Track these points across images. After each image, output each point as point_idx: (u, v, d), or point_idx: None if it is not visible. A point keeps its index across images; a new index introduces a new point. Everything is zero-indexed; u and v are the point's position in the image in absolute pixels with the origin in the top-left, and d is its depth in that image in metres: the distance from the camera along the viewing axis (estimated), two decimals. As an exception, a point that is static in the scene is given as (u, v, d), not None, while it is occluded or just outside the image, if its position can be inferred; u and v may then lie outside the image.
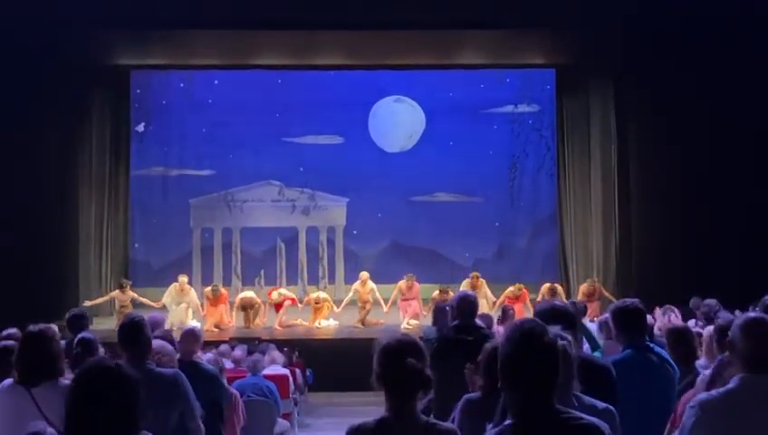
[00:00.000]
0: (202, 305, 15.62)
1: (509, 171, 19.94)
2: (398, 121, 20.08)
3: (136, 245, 19.00)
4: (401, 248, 18.58)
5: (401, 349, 3.36)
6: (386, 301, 15.83)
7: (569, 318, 4.26)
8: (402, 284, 15.74)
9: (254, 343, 11.51)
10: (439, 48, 16.86)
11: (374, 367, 3.40)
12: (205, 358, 9.09)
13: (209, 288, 15.71)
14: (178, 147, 19.73)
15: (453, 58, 17.70)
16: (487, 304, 15.19)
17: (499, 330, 9.58)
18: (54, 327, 4.86)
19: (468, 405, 4.57)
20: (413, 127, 20.05)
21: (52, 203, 15.48)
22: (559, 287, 15.06)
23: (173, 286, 15.47)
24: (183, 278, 15.63)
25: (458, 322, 6.13)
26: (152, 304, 15.19)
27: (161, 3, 14.53)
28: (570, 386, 3.47)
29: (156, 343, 5.62)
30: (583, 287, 15.79)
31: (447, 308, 7.36)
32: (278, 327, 15.27)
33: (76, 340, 7.20)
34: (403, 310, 15.74)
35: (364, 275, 16.07)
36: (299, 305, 15.92)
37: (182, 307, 15.21)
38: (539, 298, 14.18)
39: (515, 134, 19.94)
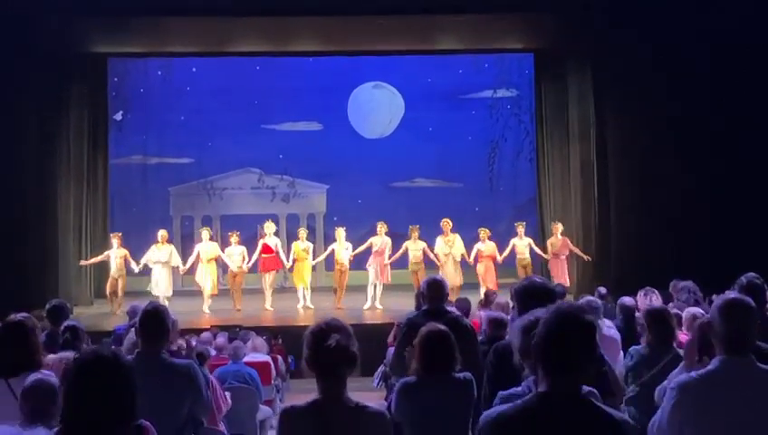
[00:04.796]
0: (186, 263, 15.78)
1: (488, 156, 20.04)
2: (377, 107, 20.10)
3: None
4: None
5: (327, 330, 3.45)
6: (361, 287, 15.97)
7: (551, 298, 4.21)
8: (375, 239, 15.71)
9: (235, 331, 11.49)
10: (418, 34, 16.81)
11: (303, 352, 3.47)
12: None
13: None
14: (157, 135, 19.68)
15: (431, 44, 17.66)
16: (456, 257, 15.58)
17: (481, 314, 9.55)
18: (34, 318, 4.84)
19: (405, 388, 4.63)
20: (392, 113, 20.07)
21: (30, 193, 15.34)
22: None
23: (153, 245, 15.62)
24: (163, 232, 15.79)
25: (428, 306, 6.09)
26: (135, 267, 15.46)
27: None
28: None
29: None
30: (552, 240, 15.94)
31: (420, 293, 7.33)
32: (268, 307, 15.50)
33: (63, 327, 7.20)
34: (374, 270, 15.66)
35: (340, 231, 15.92)
36: (286, 263, 15.93)
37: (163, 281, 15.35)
38: None
39: (494, 119, 20.02)
